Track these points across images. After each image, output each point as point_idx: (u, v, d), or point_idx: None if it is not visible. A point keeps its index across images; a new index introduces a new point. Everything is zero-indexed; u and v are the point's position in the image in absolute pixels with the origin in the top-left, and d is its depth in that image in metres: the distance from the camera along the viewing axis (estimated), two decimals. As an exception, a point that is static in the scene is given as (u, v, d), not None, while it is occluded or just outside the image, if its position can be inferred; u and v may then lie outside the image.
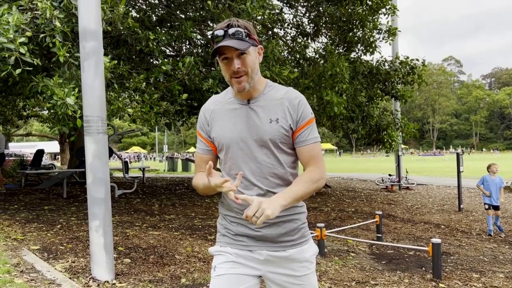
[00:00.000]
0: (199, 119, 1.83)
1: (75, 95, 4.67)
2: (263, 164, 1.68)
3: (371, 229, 7.05)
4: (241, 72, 1.62)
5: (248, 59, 1.63)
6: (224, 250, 1.76)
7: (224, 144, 1.72)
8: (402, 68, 10.96)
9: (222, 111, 1.76)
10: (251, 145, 1.68)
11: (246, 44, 1.60)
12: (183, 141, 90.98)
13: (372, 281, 4.35)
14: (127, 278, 4.07)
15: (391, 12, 10.81)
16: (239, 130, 1.70)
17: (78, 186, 12.65)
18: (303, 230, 1.78)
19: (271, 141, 1.67)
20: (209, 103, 1.83)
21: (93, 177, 3.97)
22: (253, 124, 1.69)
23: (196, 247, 5.41)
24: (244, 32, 1.61)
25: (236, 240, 1.75)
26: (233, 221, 1.76)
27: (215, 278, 1.72)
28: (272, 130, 1.66)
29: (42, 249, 4.95)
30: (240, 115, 1.72)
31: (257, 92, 1.72)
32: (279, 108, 1.69)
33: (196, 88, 7.60)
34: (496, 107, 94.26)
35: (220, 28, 1.62)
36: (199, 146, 1.83)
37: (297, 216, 1.75)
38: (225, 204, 1.79)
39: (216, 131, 1.75)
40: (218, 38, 1.61)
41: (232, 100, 1.76)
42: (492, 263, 5.36)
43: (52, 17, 4.93)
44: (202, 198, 10.68)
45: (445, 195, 12.62)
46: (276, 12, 10.57)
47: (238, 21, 1.63)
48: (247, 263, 1.73)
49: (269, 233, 1.71)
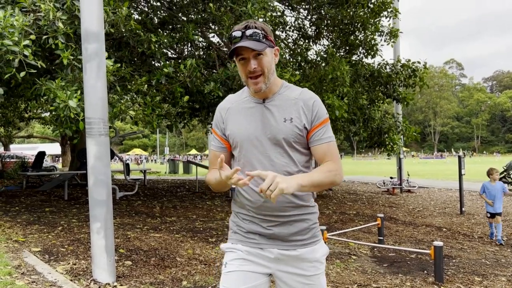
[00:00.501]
0: (215, 117, 1.85)
1: (77, 98, 4.68)
2: (276, 162, 1.69)
3: (373, 232, 7.03)
4: (257, 72, 1.65)
5: (265, 60, 1.65)
6: (236, 247, 1.77)
7: (238, 142, 1.74)
8: (404, 71, 10.96)
9: (238, 109, 1.78)
10: (265, 143, 1.70)
11: (263, 45, 1.63)
12: (185, 143, 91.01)
13: (373, 284, 4.34)
14: (128, 280, 4.06)
15: (392, 15, 10.82)
16: (253, 128, 1.72)
17: (80, 188, 12.66)
18: (314, 230, 1.79)
19: (284, 140, 1.68)
20: (225, 102, 1.85)
21: (94, 179, 3.97)
22: (268, 122, 1.71)
23: (197, 249, 5.40)
24: (261, 34, 1.63)
25: (248, 238, 1.76)
26: (245, 219, 1.78)
27: (225, 275, 1.74)
28: (286, 129, 1.68)
29: (43, 251, 4.95)
30: (255, 114, 1.74)
31: (273, 92, 1.75)
32: (294, 108, 1.71)
33: (197, 90, 7.61)
34: (497, 110, 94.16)
35: (237, 29, 1.65)
36: (213, 143, 1.85)
37: (308, 216, 1.76)
38: (238, 201, 1.80)
39: (230, 128, 1.77)
40: (236, 39, 1.63)
41: (247, 99, 1.79)
42: (494, 266, 5.34)
43: (55, 18, 4.95)
44: (203, 200, 10.67)
45: (447, 198, 12.59)
46: (278, 14, 10.59)
47: (256, 23, 1.65)
48: (257, 260, 1.74)
49: (280, 231, 1.72)
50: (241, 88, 7.10)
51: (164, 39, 7.11)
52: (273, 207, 1.69)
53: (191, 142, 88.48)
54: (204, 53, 10.17)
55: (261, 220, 1.72)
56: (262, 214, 1.72)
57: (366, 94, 11.04)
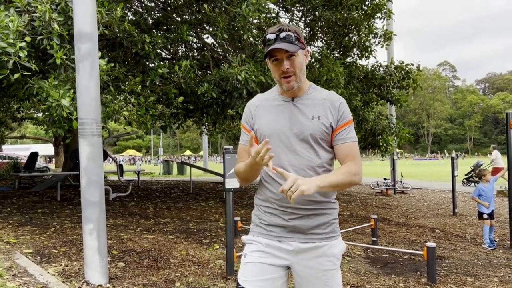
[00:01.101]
0: (245, 113, 1.94)
1: (70, 97, 4.65)
2: (302, 157, 1.77)
3: (366, 233, 7.05)
4: (290, 72, 1.74)
5: (297, 61, 1.75)
6: (256, 240, 1.85)
7: (266, 135, 1.81)
8: (397, 72, 11.02)
9: (267, 106, 1.88)
10: (292, 138, 1.78)
11: (296, 47, 1.72)
12: (179, 144, 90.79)
13: (367, 285, 4.35)
14: (121, 282, 4.04)
15: (386, 16, 10.87)
16: (281, 123, 1.81)
17: (72, 189, 12.59)
18: (334, 226, 1.84)
19: (311, 136, 1.77)
20: (255, 100, 1.95)
21: (87, 180, 3.95)
22: (295, 119, 1.80)
23: (191, 250, 5.39)
24: (294, 36, 1.73)
25: (268, 231, 1.83)
26: (267, 211, 1.84)
27: (245, 265, 1.82)
28: (313, 125, 1.77)
29: (35, 252, 4.91)
30: (283, 111, 1.83)
31: (302, 92, 1.84)
32: (321, 107, 1.80)
33: (192, 91, 7.59)
34: (490, 112, 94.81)
35: (272, 32, 1.74)
36: (242, 138, 1.93)
37: (329, 210, 1.82)
38: (262, 194, 1.87)
39: (259, 123, 1.86)
40: (270, 42, 1.73)
41: (276, 98, 1.88)
42: (487, 267, 5.37)
43: (51, 19, 4.92)
44: (197, 201, 10.64)
45: (440, 199, 12.66)
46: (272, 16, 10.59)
47: (289, 26, 1.75)
48: (276, 253, 1.80)
49: (301, 224, 1.78)
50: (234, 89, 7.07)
51: (158, 40, 7.09)
52: (295, 200, 1.71)
53: (186, 143, 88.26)
54: (198, 54, 10.15)
55: (283, 213, 1.79)
56: (284, 206, 1.78)
57: (360, 96, 11.07)
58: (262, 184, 1.86)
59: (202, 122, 13.19)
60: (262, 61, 7.36)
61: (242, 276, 1.79)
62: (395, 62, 11.35)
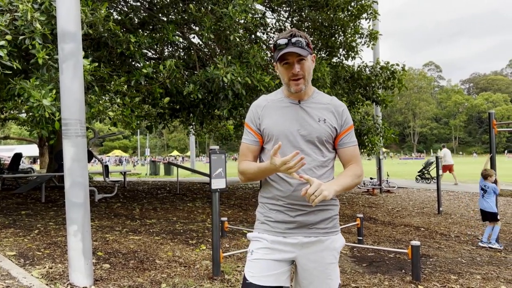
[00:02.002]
0: (249, 113, 2.01)
1: (52, 97, 4.60)
2: (309, 157, 1.87)
3: (353, 232, 7.11)
4: (300, 75, 1.85)
5: (306, 65, 1.86)
6: (262, 237, 1.92)
7: (274, 135, 1.90)
8: (383, 73, 11.11)
9: (274, 107, 1.95)
10: (299, 139, 1.88)
11: (306, 51, 1.83)
12: (166, 145, 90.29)
13: (353, 283, 4.38)
14: (106, 283, 4.00)
15: (372, 17, 10.95)
16: (288, 124, 1.89)
17: (57, 190, 12.44)
18: (336, 221, 1.97)
19: (317, 138, 1.88)
20: (260, 100, 2.02)
21: (71, 181, 3.91)
22: (303, 120, 1.89)
23: (177, 251, 5.37)
24: (304, 42, 1.83)
25: (273, 227, 1.91)
26: (272, 209, 1.92)
27: (251, 261, 1.90)
28: (320, 128, 1.88)
29: (18, 255, 4.84)
30: (291, 112, 1.92)
31: (307, 96, 1.95)
32: (326, 111, 1.92)
33: (177, 91, 7.55)
34: (474, 112, 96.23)
35: (283, 37, 1.84)
36: (246, 137, 1.99)
37: (331, 207, 1.94)
38: (268, 192, 1.94)
39: (266, 123, 1.93)
40: (281, 46, 1.82)
41: (283, 100, 1.96)
42: (470, 264, 5.45)
43: (33, 19, 4.85)
44: (184, 202, 10.60)
45: (425, 198, 12.81)
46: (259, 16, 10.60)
47: (299, 32, 1.85)
48: (281, 248, 1.89)
49: (305, 220, 1.88)
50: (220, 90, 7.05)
51: (144, 40, 7.04)
52: (301, 197, 1.79)
53: (173, 143, 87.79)
54: (185, 54, 10.11)
55: (288, 209, 1.87)
56: (291, 203, 1.87)
57: (346, 96, 11.14)
58: (268, 182, 1.93)
59: (189, 122, 13.14)
60: (249, 63, 7.36)
61: (249, 272, 1.87)
62: (380, 63, 11.44)
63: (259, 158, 2.02)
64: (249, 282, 1.85)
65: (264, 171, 1.82)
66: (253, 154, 1.96)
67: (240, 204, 10.29)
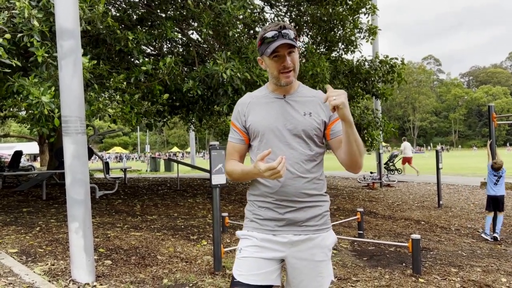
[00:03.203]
0: (235, 111, 1.97)
1: (51, 94, 4.60)
2: (296, 151, 1.83)
3: (353, 226, 7.13)
4: (291, 67, 1.81)
5: (295, 57, 1.84)
6: (251, 235, 1.88)
7: (260, 131, 1.86)
8: (382, 67, 11.09)
9: (259, 103, 1.92)
10: (285, 133, 1.84)
11: (296, 44, 1.80)
12: (166, 141, 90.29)
13: (353, 277, 4.40)
14: (108, 279, 4.03)
15: (371, 12, 10.93)
16: (274, 119, 1.86)
17: (58, 187, 12.46)
18: (326, 218, 1.91)
19: (303, 132, 1.83)
20: (245, 97, 1.99)
21: (72, 178, 3.92)
22: (288, 115, 1.85)
23: (179, 247, 5.39)
24: (293, 34, 1.80)
25: (263, 225, 1.87)
26: (261, 206, 1.87)
27: (240, 259, 1.86)
28: (306, 122, 1.84)
29: (20, 252, 4.86)
30: (276, 107, 1.88)
31: (293, 90, 1.91)
32: (312, 104, 1.88)
33: (177, 88, 7.55)
34: (474, 105, 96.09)
35: (272, 30, 1.80)
36: (232, 135, 1.96)
37: (321, 203, 1.89)
38: (256, 190, 1.90)
39: (251, 119, 1.89)
40: (270, 39, 1.79)
41: (268, 95, 1.93)
42: (470, 257, 5.48)
43: (30, 16, 4.85)
44: (185, 198, 10.62)
45: (425, 191, 12.83)
46: (257, 11, 10.57)
47: (286, 24, 1.82)
48: (271, 246, 1.84)
49: (295, 217, 1.83)
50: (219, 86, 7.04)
51: (142, 37, 7.03)
52: (290, 193, 1.81)
53: (173, 139, 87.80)
54: (184, 50, 10.10)
55: (277, 206, 1.83)
56: (280, 200, 1.82)
57: (345, 91, 11.13)
58: (256, 179, 1.88)
59: (189, 118, 13.14)
60: (248, 58, 7.35)
61: (237, 270, 1.84)
62: (380, 57, 11.42)
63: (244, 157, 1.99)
64: (237, 281, 1.81)
65: (248, 174, 1.79)
66: (239, 153, 1.93)
67: (240, 200, 10.31)
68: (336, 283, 4.20)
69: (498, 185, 6.75)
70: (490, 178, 6.85)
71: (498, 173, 6.77)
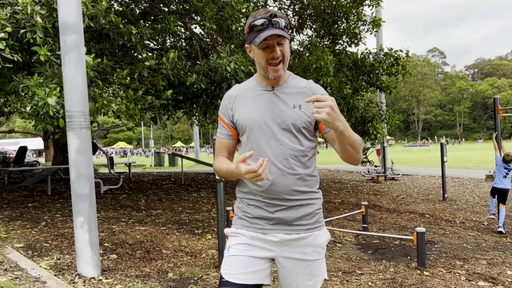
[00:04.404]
0: (222, 105, 1.88)
1: (56, 95, 4.59)
2: (285, 146, 1.74)
3: (357, 220, 7.13)
4: (280, 58, 1.70)
5: (286, 47, 1.72)
6: (240, 232, 1.81)
7: (247, 127, 1.77)
8: (387, 59, 11.02)
9: (246, 96, 1.82)
10: (274, 128, 1.75)
11: (286, 33, 1.69)
12: (170, 136, 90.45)
13: (358, 270, 4.40)
14: (114, 273, 4.05)
15: (375, 3, 10.84)
16: (262, 113, 1.76)
17: (63, 182, 12.52)
18: (318, 216, 1.84)
19: (293, 125, 1.74)
20: (233, 90, 1.89)
21: (76, 173, 3.93)
22: (277, 108, 1.76)
23: (183, 241, 5.41)
24: (284, 23, 1.69)
25: (252, 223, 1.80)
26: (250, 204, 1.80)
27: (228, 258, 1.78)
28: (295, 115, 1.74)
29: (26, 246, 4.89)
30: (264, 100, 1.78)
31: (282, 81, 1.80)
32: (302, 96, 1.76)
33: (180, 82, 7.54)
34: (479, 98, 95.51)
35: (262, 17, 1.67)
36: (220, 131, 1.88)
37: (313, 201, 1.81)
38: (244, 187, 1.83)
39: (238, 114, 1.80)
40: (259, 27, 1.67)
41: (255, 87, 1.83)
42: (475, 250, 5.47)
43: (33, 12, 4.84)
44: (189, 192, 10.65)
45: (430, 185, 12.80)
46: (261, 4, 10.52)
47: (277, 12, 1.71)
48: (261, 245, 1.78)
49: (285, 216, 1.75)
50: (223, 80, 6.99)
51: (145, 31, 7.01)
52: (279, 191, 1.73)
53: (176, 134, 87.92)
54: (187, 44, 10.07)
55: (267, 205, 1.75)
56: (269, 198, 1.75)
57: (349, 84, 11.07)
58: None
59: (193, 113, 13.14)
60: (251, 51, 7.31)
61: (226, 269, 1.76)
62: (384, 49, 11.35)
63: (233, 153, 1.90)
64: (225, 280, 1.72)
65: (231, 174, 1.70)
66: (227, 149, 1.84)
67: (245, 194, 10.33)
68: (340, 277, 4.21)
69: (507, 178, 6.75)
70: (500, 170, 6.84)
71: (509, 165, 6.76)
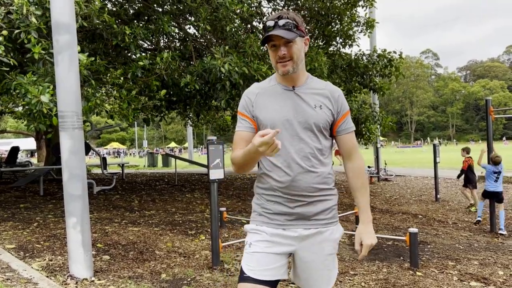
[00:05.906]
0: (242, 101, 1.93)
1: (49, 93, 4.56)
2: (306, 144, 1.81)
3: (351, 220, 7.15)
4: (286, 58, 1.78)
5: (294, 47, 1.78)
6: (260, 229, 1.86)
7: (269, 124, 1.81)
8: (380, 61, 11.07)
9: (267, 94, 1.89)
10: (296, 126, 1.81)
11: (293, 34, 1.76)
12: (163, 136, 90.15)
13: (351, 271, 4.42)
14: (106, 275, 4.03)
15: (368, 4, 10.88)
16: (285, 112, 1.82)
17: (56, 183, 12.44)
18: (334, 211, 1.93)
19: (315, 125, 1.82)
20: (253, 88, 1.94)
21: (69, 173, 3.91)
22: (299, 107, 1.83)
23: (177, 242, 5.39)
24: (293, 24, 1.76)
25: (273, 220, 1.85)
26: (270, 200, 1.85)
27: (249, 254, 1.83)
28: (317, 115, 1.82)
29: (18, 248, 4.86)
30: (286, 99, 1.85)
31: (301, 82, 1.87)
32: (322, 97, 1.86)
33: (174, 83, 7.52)
34: (471, 99, 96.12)
35: (271, 19, 1.78)
36: (241, 124, 1.90)
37: (330, 197, 1.89)
38: (264, 183, 1.87)
39: (260, 111, 1.86)
40: (269, 28, 1.77)
41: (276, 86, 1.89)
42: (467, 250, 5.50)
43: (28, 13, 4.81)
44: (182, 193, 10.63)
45: (423, 185, 12.87)
46: (255, 5, 10.53)
47: (288, 14, 1.79)
48: (281, 241, 1.83)
49: (305, 211, 1.82)
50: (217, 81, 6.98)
51: (139, 31, 6.99)
52: (301, 187, 1.79)
53: (170, 134, 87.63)
54: (181, 45, 10.05)
55: (287, 200, 1.81)
56: (290, 194, 1.80)
57: (343, 85, 11.10)
58: (264, 173, 1.86)
59: (186, 113, 13.11)
60: (245, 52, 7.32)
61: (247, 265, 1.81)
62: (377, 50, 11.40)
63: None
64: (247, 276, 1.79)
65: (248, 154, 1.67)
66: (247, 142, 1.79)
67: (238, 194, 10.32)
68: (334, 277, 4.21)
69: (498, 182, 6.81)
70: (490, 176, 6.89)
71: (497, 168, 6.80)
